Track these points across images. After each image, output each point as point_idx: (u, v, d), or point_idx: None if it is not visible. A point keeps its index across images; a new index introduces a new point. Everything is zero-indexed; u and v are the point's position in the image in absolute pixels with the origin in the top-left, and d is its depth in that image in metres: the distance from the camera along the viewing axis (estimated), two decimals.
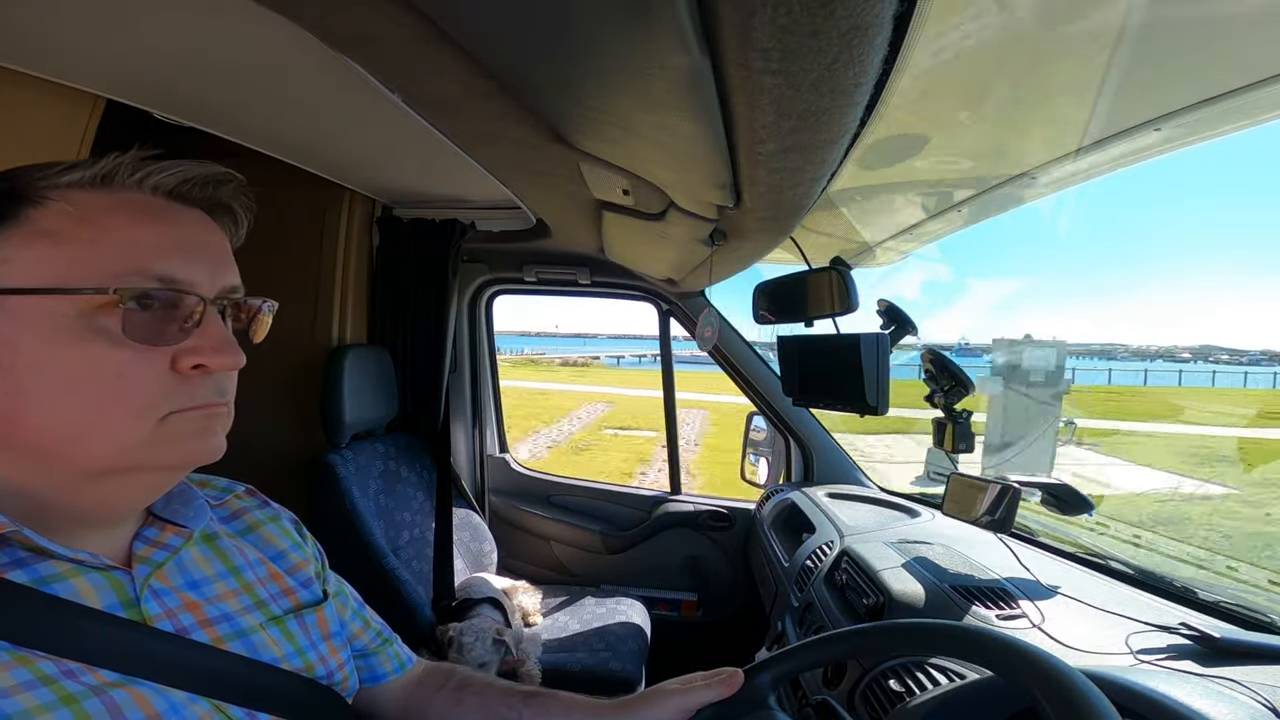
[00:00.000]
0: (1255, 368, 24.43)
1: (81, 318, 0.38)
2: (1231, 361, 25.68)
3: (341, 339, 1.60)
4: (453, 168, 1.28)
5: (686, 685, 0.60)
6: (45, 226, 0.39)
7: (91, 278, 0.39)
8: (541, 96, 0.72)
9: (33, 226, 0.39)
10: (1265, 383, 22.50)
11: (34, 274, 0.38)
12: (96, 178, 0.41)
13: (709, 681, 0.58)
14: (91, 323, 0.39)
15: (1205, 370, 25.59)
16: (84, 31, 0.74)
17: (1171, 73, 0.77)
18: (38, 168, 0.41)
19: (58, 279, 0.38)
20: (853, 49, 0.41)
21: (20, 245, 0.39)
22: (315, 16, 0.60)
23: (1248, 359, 26.55)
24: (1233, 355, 25.99)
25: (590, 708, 0.62)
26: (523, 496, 2.21)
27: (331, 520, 1.38)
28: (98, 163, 0.41)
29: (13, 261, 0.38)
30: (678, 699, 0.58)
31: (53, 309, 0.38)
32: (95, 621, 0.40)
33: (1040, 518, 1.25)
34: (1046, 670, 0.43)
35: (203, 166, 0.44)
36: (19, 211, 0.39)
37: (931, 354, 1.22)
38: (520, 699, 0.63)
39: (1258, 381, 22.87)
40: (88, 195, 0.41)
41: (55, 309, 0.38)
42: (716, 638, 2.02)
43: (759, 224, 0.93)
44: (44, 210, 0.39)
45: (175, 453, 0.42)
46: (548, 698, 0.63)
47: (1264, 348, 20.54)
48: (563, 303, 3.54)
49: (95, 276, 0.39)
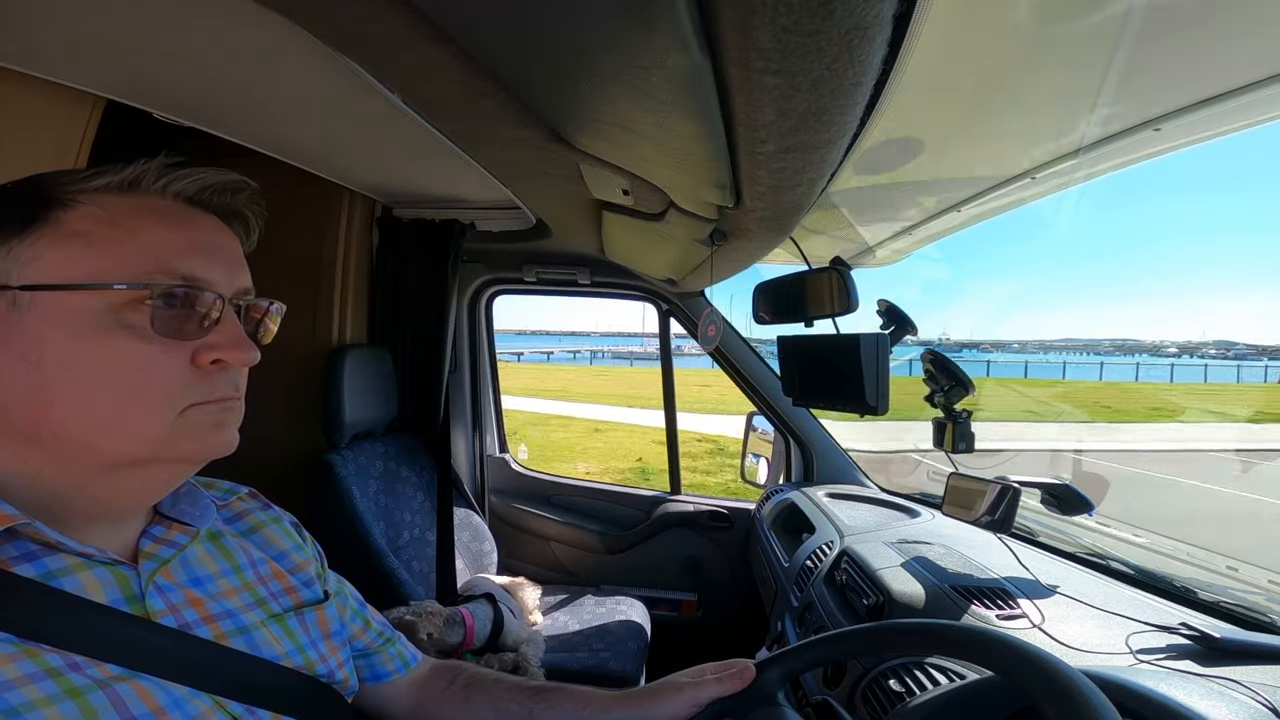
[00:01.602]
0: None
1: (111, 313, 0.40)
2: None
3: (341, 339, 1.61)
4: (453, 168, 1.28)
5: (697, 678, 0.60)
6: (76, 228, 0.41)
7: (121, 275, 0.41)
8: (541, 96, 0.72)
9: (64, 228, 0.41)
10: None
11: (65, 272, 0.40)
12: (124, 183, 0.43)
13: (720, 675, 0.59)
14: (120, 318, 0.41)
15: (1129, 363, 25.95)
16: (84, 32, 0.74)
17: (1171, 73, 0.77)
18: (65, 173, 0.43)
19: (89, 276, 0.40)
20: (853, 49, 0.41)
21: (51, 245, 0.41)
22: (315, 16, 0.60)
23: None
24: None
25: (602, 700, 0.62)
26: (523, 496, 2.21)
27: (331, 520, 1.38)
28: (125, 169, 0.43)
29: (45, 260, 0.40)
30: (689, 692, 0.59)
31: (84, 304, 0.40)
32: (100, 616, 0.41)
33: (1040, 517, 1.25)
34: (1047, 670, 0.44)
35: (221, 175, 0.46)
36: (49, 214, 0.41)
37: (931, 354, 1.22)
38: (530, 695, 0.63)
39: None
40: (115, 199, 0.43)
41: (86, 304, 0.40)
42: (716, 638, 2.02)
43: (759, 224, 0.93)
44: (73, 213, 0.41)
45: (193, 444, 0.44)
46: (557, 692, 0.63)
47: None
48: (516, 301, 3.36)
49: (124, 274, 0.41)
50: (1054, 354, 31.40)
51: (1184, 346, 25.20)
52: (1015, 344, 32.37)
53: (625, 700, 0.61)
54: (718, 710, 0.58)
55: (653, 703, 0.60)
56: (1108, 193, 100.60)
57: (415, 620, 1.25)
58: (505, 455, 2.27)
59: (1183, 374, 24.05)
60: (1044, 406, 15.93)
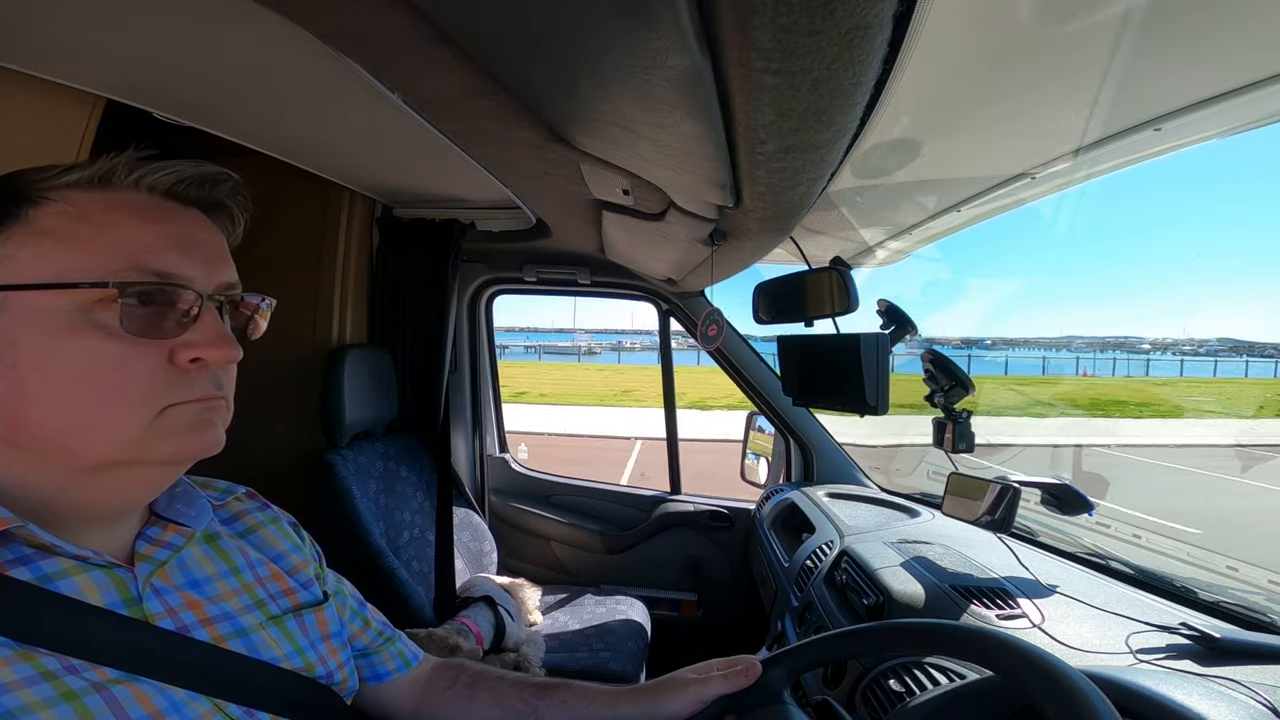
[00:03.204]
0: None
1: (80, 312, 0.39)
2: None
3: (341, 339, 1.60)
4: (453, 168, 1.28)
5: (703, 674, 0.60)
6: (45, 226, 0.40)
7: (89, 273, 0.40)
8: (541, 96, 0.72)
9: (33, 226, 0.40)
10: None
11: (34, 271, 0.39)
12: (95, 178, 0.42)
13: (726, 672, 0.59)
14: (90, 317, 0.40)
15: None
16: (84, 31, 0.74)
17: (1171, 73, 0.77)
18: (38, 170, 0.42)
19: (56, 275, 0.39)
20: (853, 49, 0.41)
21: (21, 244, 0.40)
22: (315, 16, 0.60)
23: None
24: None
25: (607, 696, 0.62)
26: (523, 496, 2.21)
27: (331, 520, 1.38)
28: (95, 163, 0.42)
29: (14, 259, 0.39)
30: (695, 689, 0.59)
31: (52, 304, 0.39)
32: (97, 619, 0.41)
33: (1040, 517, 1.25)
34: (1047, 670, 0.44)
35: (198, 166, 0.45)
36: (20, 212, 0.40)
37: (931, 354, 1.22)
38: (534, 691, 0.63)
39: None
40: (86, 195, 0.42)
41: (54, 304, 0.39)
42: (716, 638, 2.02)
43: (759, 224, 0.93)
44: (44, 210, 0.40)
45: (174, 445, 0.43)
46: (562, 689, 0.63)
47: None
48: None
49: (93, 271, 0.40)
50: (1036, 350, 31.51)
51: (1158, 343, 25.40)
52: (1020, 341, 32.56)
53: (631, 696, 0.61)
54: (723, 707, 0.58)
55: (658, 699, 0.59)
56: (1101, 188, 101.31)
57: (427, 641, 1.26)
58: (505, 455, 2.27)
59: (1160, 369, 24.17)
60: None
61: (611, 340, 42.83)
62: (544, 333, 44.84)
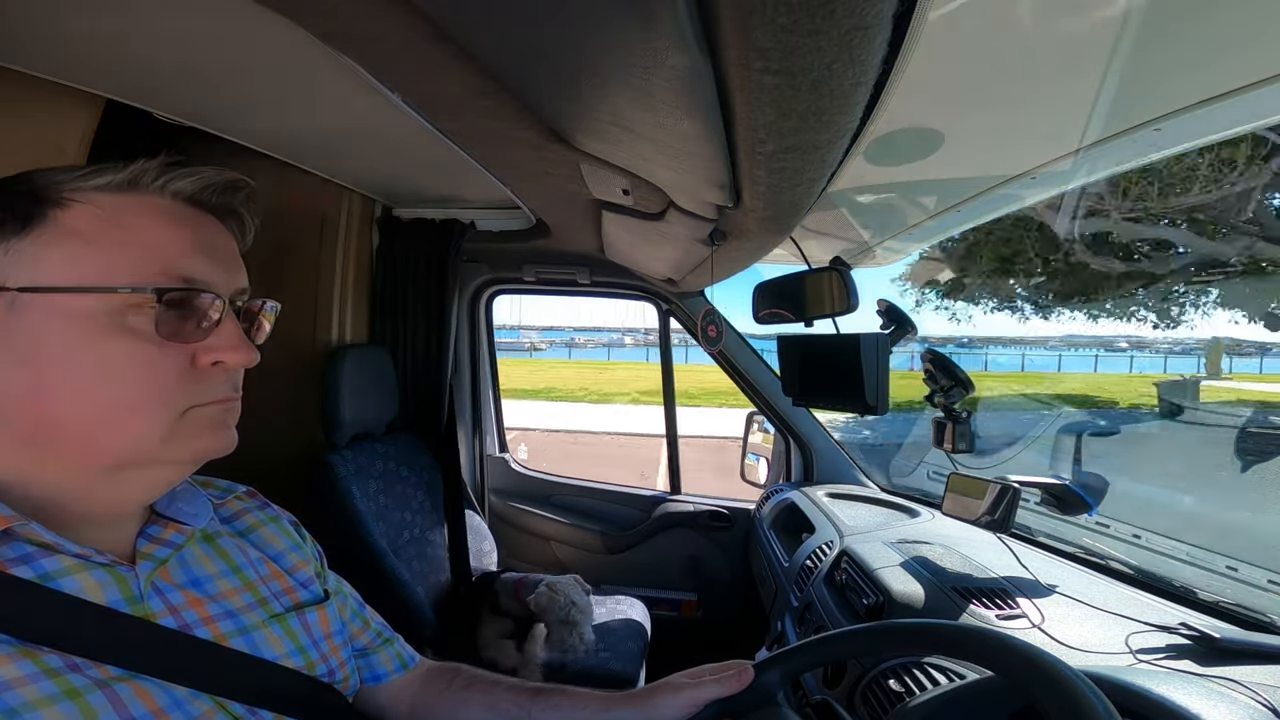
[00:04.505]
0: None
1: (113, 315, 0.40)
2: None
3: (341, 339, 1.61)
4: (453, 168, 1.28)
5: (696, 679, 0.60)
6: (74, 227, 0.40)
7: (124, 276, 0.40)
8: (541, 96, 0.72)
9: (60, 227, 0.40)
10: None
11: (68, 273, 0.40)
12: (124, 182, 0.43)
13: (718, 676, 0.59)
14: (122, 320, 0.40)
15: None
16: (84, 31, 0.74)
17: (1171, 73, 0.77)
18: (58, 171, 0.42)
19: (94, 278, 0.40)
20: (853, 49, 0.41)
21: (50, 245, 0.40)
22: (315, 16, 0.60)
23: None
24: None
25: (600, 701, 0.62)
26: (523, 496, 2.21)
27: (331, 520, 1.38)
28: (124, 167, 0.43)
29: (45, 261, 0.40)
30: (688, 693, 0.59)
31: (86, 307, 0.40)
32: (99, 617, 0.41)
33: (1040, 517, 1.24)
34: (1046, 670, 0.44)
35: (221, 174, 0.46)
36: (45, 212, 0.40)
37: (931, 354, 1.22)
38: (528, 696, 0.63)
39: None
40: (115, 199, 0.42)
41: (89, 306, 0.40)
42: (716, 638, 2.02)
43: (759, 224, 0.93)
44: (70, 212, 0.41)
45: (194, 446, 0.44)
46: (555, 693, 0.63)
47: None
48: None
49: (128, 275, 0.40)
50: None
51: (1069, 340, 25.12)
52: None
53: (624, 701, 0.61)
54: (716, 711, 0.58)
55: (651, 703, 0.59)
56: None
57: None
58: (505, 455, 2.27)
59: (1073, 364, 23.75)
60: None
61: (565, 336, 42.74)
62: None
